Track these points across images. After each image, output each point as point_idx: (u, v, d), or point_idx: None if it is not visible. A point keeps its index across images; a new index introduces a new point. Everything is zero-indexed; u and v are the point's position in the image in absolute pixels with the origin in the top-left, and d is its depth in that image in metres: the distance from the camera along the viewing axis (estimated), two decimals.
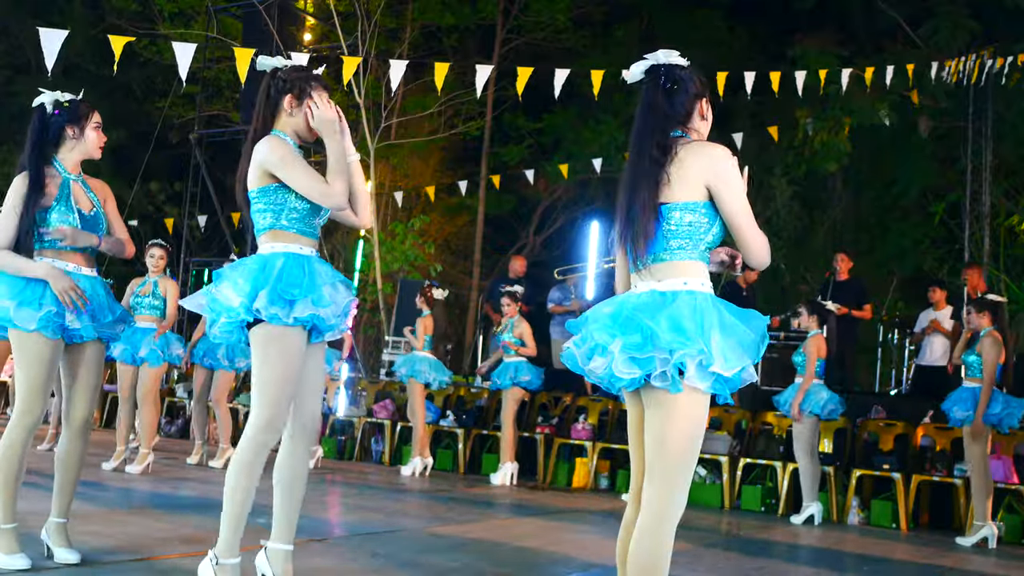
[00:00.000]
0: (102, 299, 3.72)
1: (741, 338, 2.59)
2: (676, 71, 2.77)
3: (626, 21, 17.46)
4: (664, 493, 2.58)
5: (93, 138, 3.77)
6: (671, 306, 2.59)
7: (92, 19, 17.26)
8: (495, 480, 8.38)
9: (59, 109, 3.73)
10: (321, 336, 3.35)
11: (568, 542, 5.59)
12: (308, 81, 3.35)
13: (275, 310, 3.17)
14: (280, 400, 3.21)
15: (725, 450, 8.18)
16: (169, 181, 17.73)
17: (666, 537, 2.58)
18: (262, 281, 3.19)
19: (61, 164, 3.75)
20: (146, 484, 6.40)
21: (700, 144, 2.70)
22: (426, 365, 8.60)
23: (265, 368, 3.21)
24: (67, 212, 3.67)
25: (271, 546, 3.34)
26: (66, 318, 3.59)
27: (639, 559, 2.57)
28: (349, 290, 3.37)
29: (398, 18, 16.22)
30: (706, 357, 2.53)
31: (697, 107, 2.79)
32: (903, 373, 10.83)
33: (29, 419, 3.56)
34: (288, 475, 3.36)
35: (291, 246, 3.28)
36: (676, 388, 2.56)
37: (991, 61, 11.13)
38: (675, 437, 2.58)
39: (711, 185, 2.63)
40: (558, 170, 14.85)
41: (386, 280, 14.44)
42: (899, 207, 15.49)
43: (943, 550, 6.50)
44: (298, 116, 3.35)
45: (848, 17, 15.90)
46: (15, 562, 3.52)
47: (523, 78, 9.78)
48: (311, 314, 3.21)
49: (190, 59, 8.58)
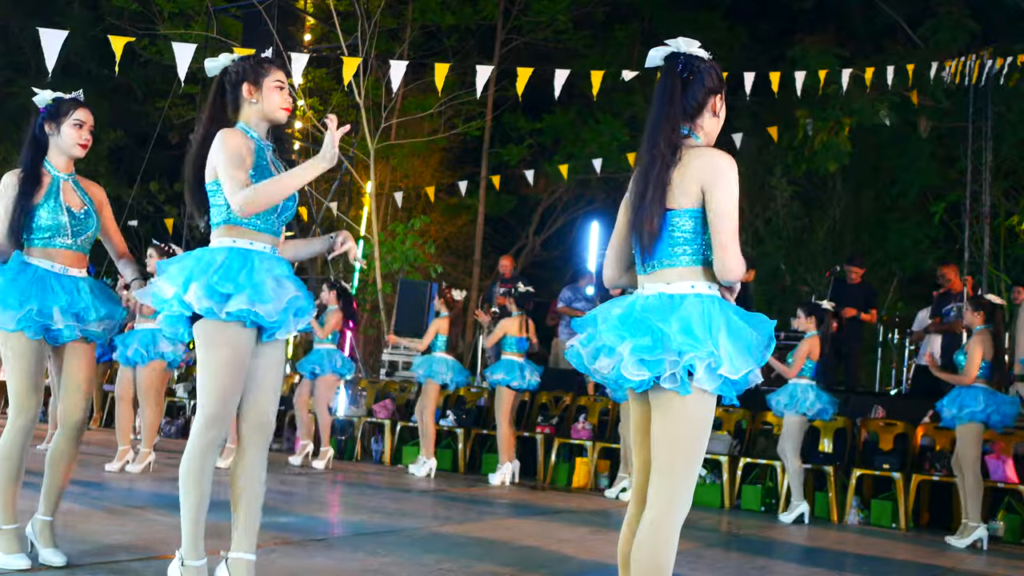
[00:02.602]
0: (87, 299, 3.68)
1: (748, 341, 2.61)
2: (695, 62, 2.75)
3: (626, 21, 17.47)
4: (669, 494, 2.59)
5: (70, 134, 3.71)
6: (680, 308, 2.61)
7: (92, 19, 17.27)
8: (494, 480, 8.38)
9: (44, 107, 3.74)
10: (271, 335, 3.24)
11: (568, 542, 5.59)
12: (261, 64, 3.32)
13: (209, 303, 3.08)
14: (223, 398, 3.12)
15: (725, 450, 8.18)
16: (169, 181, 17.74)
17: (670, 537, 2.59)
18: (197, 274, 3.11)
19: (50, 163, 3.75)
20: (146, 484, 6.40)
21: (706, 150, 2.69)
22: (444, 366, 8.61)
23: (205, 365, 3.13)
24: (56, 210, 3.66)
25: (232, 556, 3.20)
26: (53, 318, 3.57)
27: (643, 560, 2.57)
28: (298, 288, 3.24)
29: (398, 18, 16.22)
30: (715, 360, 2.55)
31: (710, 102, 2.76)
32: (903, 373, 10.83)
33: (22, 419, 3.55)
34: (243, 482, 3.21)
35: (241, 241, 3.20)
36: (685, 390, 2.57)
37: (991, 61, 11.13)
38: (682, 438, 2.60)
39: (705, 186, 2.63)
40: (558, 170, 14.87)
41: (386, 280, 14.44)
42: (899, 207, 15.50)
43: (943, 550, 6.50)
44: (261, 101, 3.30)
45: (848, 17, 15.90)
46: (15, 562, 3.51)
47: (523, 78, 9.78)
48: (246, 309, 3.09)
49: (190, 59, 8.58)
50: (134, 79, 18.34)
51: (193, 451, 3.14)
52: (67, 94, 3.77)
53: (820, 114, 13.53)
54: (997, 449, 7.39)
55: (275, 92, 3.31)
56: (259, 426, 3.26)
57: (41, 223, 3.64)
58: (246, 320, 3.14)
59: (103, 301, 3.75)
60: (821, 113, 13.52)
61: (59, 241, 3.68)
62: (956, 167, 14.04)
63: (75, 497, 5.35)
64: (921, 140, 14.13)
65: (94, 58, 17.38)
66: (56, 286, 3.63)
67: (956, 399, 6.68)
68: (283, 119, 3.37)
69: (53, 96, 3.75)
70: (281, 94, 3.32)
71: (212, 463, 3.17)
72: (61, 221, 3.66)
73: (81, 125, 3.73)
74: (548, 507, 7.18)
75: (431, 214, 16.54)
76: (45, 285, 3.61)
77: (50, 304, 3.58)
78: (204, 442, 3.13)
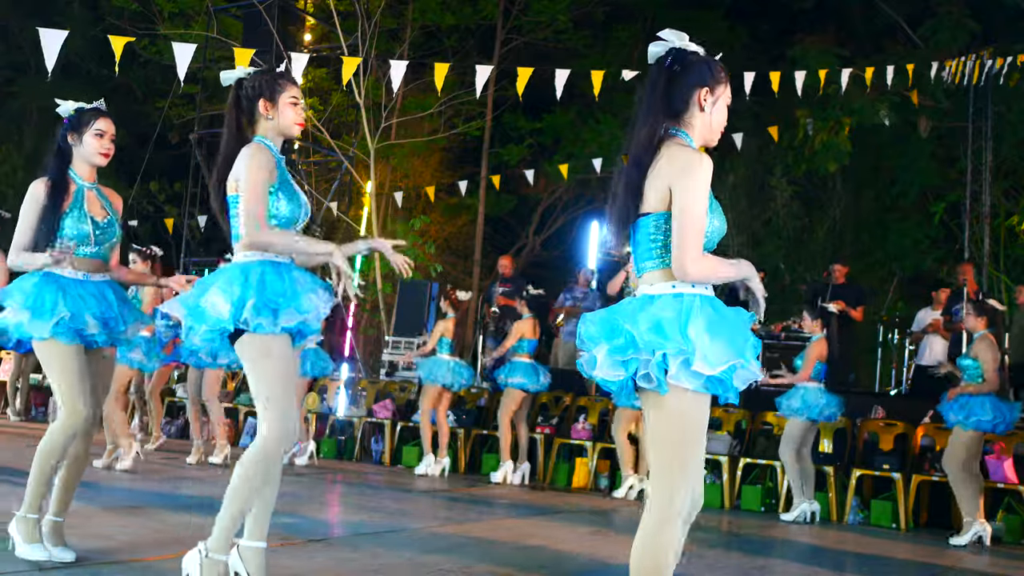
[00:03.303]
0: (115, 307, 3.77)
1: (730, 337, 2.55)
2: (686, 55, 2.70)
3: (626, 21, 17.48)
4: (666, 496, 2.56)
5: (91, 144, 3.78)
6: (652, 307, 2.58)
7: (92, 19, 17.27)
8: (495, 478, 8.41)
9: (67, 118, 3.80)
10: (302, 340, 3.36)
11: (568, 542, 5.59)
12: (277, 81, 3.38)
13: (261, 320, 3.18)
14: (288, 410, 3.23)
15: (725, 450, 8.18)
16: (169, 181, 17.75)
17: (668, 538, 2.54)
18: (248, 290, 3.20)
19: (75, 172, 3.82)
20: (146, 484, 6.40)
21: (677, 149, 2.61)
22: (445, 368, 8.62)
23: (264, 381, 3.22)
24: (81, 219, 3.73)
25: (244, 544, 3.31)
26: (87, 324, 3.65)
27: (641, 560, 2.55)
28: (327, 294, 3.35)
29: (398, 18, 16.23)
30: (687, 355, 2.50)
31: (695, 96, 2.69)
32: (903, 373, 10.83)
33: (71, 421, 3.62)
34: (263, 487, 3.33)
35: (267, 254, 3.28)
36: (663, 389, 2.54)
37: (991, 61, 11.14)
38: (669, 439, 2.57)
39: (671, 185, 2.57)
40: (558, 170, 14.87)
41: (386, 280, 14.45)
42: (899, 207, 15.49)
43: (943, 550, 6.50)
44: (276, 117, 3.37)
45: (848, 17, 15.91)
46: (33, 552, 3.60)
47: (523, 78, 9.78)
48: (299, 322, 3.23)
49: (189, 59, 8.58)
50: (134, 79, 18.34)
51: (261, 456, 3.19)
52: (89, 104, 3.83)
53: (820, 114, 13.54)
54: (997, 449, 7.38)
55: (290, 108, 3.39)
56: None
57: (65, 232, 3.71)
58: (293, 330, 3.26)
59: (129, 308, 3.85)
60: (821, 113, 13.53)
61: (83, 250, 3.74)
62: (956, 167, 14.05)
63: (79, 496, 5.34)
64: (921, 140, 14.13)
65: (94, 58, 17.38)
66: (84, 293, 3.70)
67: (965, 406, 6.66)
68: (297, 134, 3.47)
69: (75, 107, 3.82)
70: (295, 110, 3.41)
71: (278, 472, 3.25)
72: (84, 231, 3.74)
73: (102, 135, 3.80)
74: (548, 507, 7.18)
75: (431, 214, 16.54)
76: (73, 293, 3.67)
77: (82, 311, 3.66)
78: (273, 455, 3.20)
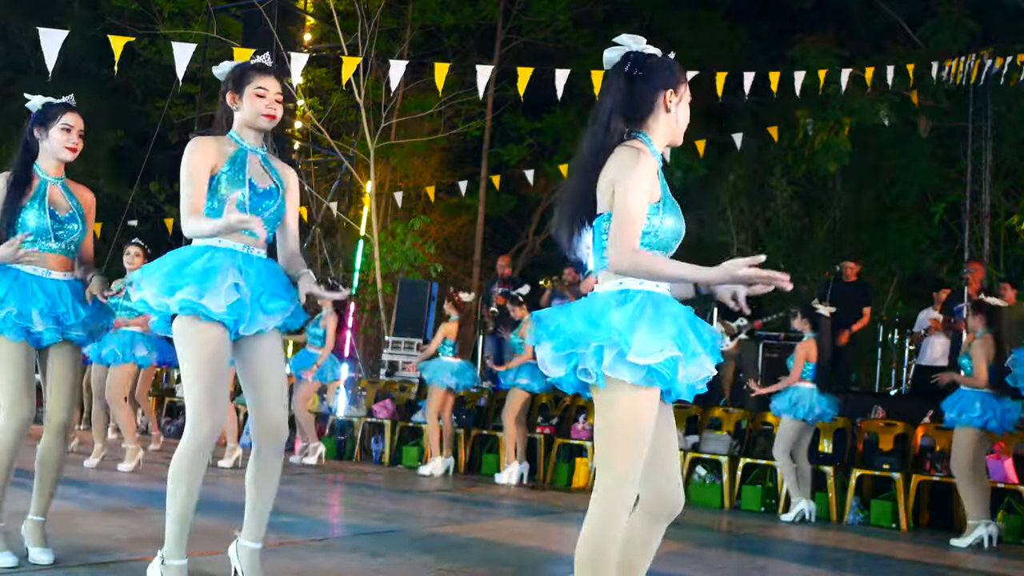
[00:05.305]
0: (68, 302, 3.69)
1: (663, 327, 2.52)
2: (645, 59, 2.67)
3: (626, 21, 17.45)
4: (606, 487, 2.56)
5: (58, 138, 3.72)
6: (590, 304, 2.60)
7: (92, 19, 17.27)
8: (500, 479, 8.42)
9: (35, 112, 3.77)
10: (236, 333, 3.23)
11: (568, 542, 5.57)
12: (245, 72, 3.32)
13: (160, 299, 3.15)
14: (204, 395, 3.13)
15: (725, 450, 8.18)
16: (169, 181, 17.74)
17: (612, 532, 2.54)
18: (154, 270, 3.19)
19: (39, 166, 3.77)
20: (146, 484, 6.40)
21: (619, 149, 2.62)
22: (448, 370, 8.64)
23: (183, 365, 3.19)
24: (40, 213, 3.68)
25: (241, 542, 3.31)
26: (33, 320, 3.58)
27: (585, 552, 2.55)
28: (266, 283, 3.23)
29: (398, 18, 16.23)
30: (621, 346, 2.49)
31: (661, 99, 2.66)
32: (903, 373, 10.83)
33: (14, 422, 3.55)
34: (257, 486, 3.31)
35: (225, 240, 3.22)
36: (601, 382, 2.55)
37: (991, 61, 11.13)
38: (608, 433, 2.57)
39: (614, 183, 2.57)
40: (558, 170, 14.84)
41: (386, 280, 14.44)
42: (899, 207, 15.48)
43: (943, 550, 6.50)
44: (243, 109, 3.31)
45: (848, 17, 15.90)
46: (2, 560, 3.54)
47: (523, 78, 9.77)
48: (191, 301, 3.10)
49: (189, 59, 8.58)
50: (134, 79, 18.35)
51: (183, 451, 3.16)
52: (58, 99, 3.78)
53: (820, 114, 13.53)
54: (997, 449, 7.38)
55: (255, 99, 3.29)
56: (272, 433, 3.29)
57: (28, 226, 3.66)
58: (198, 313, 3.13)
59: (85, 304, 3.75)
60: (821, 113, 13.52)
61: (43, 244, 3.69)
62: (956, 167, 14.04)
63: (71, 497, 5.35)
64: (921, 140, 14.13)
65: (94, 58, 17.36)
66: (37, 289, 3.63)
67: (957, 403, 6.68)
68: (265, 126, 3.34)
69: (43, 101, 3.77)
70: (262, 101, 3.29)
71: (202, 463, 3.18)
72: (44, 225, 3.68)
73: (69, 129, 3.74)
74: (548, 507, 7.18)
75: (431, 214, 16.53)
76: (26, 288, 3.61)
77: (29, 307, 3.59)
78: (194, 442, 3.14)
